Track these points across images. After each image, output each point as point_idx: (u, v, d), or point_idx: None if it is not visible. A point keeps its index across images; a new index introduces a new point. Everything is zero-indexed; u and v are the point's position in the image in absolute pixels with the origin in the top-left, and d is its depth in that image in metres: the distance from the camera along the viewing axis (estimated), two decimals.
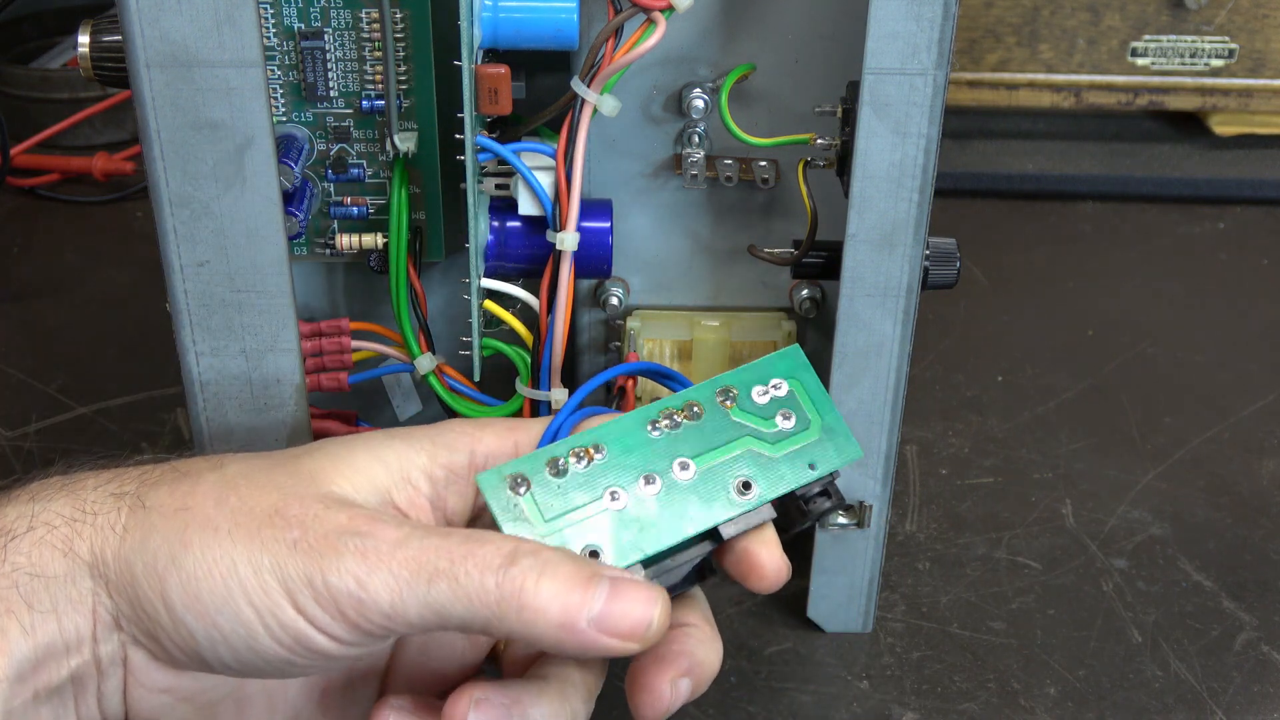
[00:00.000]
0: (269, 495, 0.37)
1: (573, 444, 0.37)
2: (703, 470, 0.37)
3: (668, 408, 0.38)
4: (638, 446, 0.37)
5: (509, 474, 0.36)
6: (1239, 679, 0.51)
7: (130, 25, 0.41)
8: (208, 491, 0.37)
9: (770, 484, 0.38)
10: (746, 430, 0.38)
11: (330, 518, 0.36)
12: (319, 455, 0.39)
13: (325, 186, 0.50)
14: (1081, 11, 0.85)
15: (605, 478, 0.37)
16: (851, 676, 0.51)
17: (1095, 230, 0.84)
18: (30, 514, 0.37)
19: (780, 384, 0.39)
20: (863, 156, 0.44)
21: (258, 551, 0.36)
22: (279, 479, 0.38)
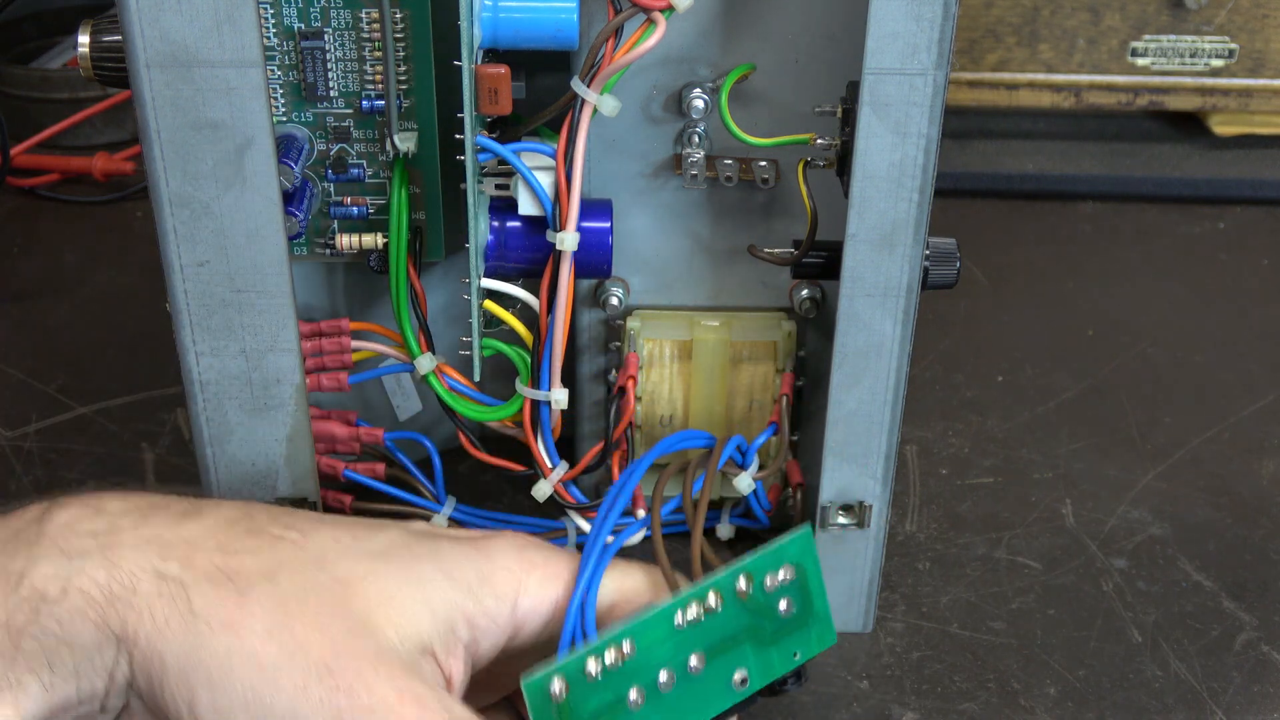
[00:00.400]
0: (321, 640, 0.37)
1: (609, 642, 0.39)
2: (711, 663, 0.41)
3: (695, 599, 0.41)
4: (663, 641, 0.40)
5: (553, 680, 0.38)
6: (1239, 679, 0.51)
7: (130, 25, 0.41)
8: (258, 613, 0.37)
9: (761, 675, 0.42)
10: (751, 624, 0.42)
11: (380, 692, 0.36)
12: (371, 592, 0.38)
13: (325, 186, 0.50)
14: (1081, 11, 0.85)
15: (632, 678, 0.39)
16: (851, 676, 0.51)
17: (1095, 230, 0.84)
18: (65, 576, 0.36)
19: (788, 570, 0.43)
20: (863, 156, 0.44)
21: (302, 708, 0.36)
22: (332, 618, 0.37)
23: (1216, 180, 0.87)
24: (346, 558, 0.39)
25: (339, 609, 0.38)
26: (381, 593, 0.38)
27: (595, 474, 0.54)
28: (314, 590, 0.38)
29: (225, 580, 0.37)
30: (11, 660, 0.35)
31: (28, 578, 0.36)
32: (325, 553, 0.39)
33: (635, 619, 0.40)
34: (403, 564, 0.39)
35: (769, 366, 0.53)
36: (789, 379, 0.53)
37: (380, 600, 0.38)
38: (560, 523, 0.54)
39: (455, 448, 0.53)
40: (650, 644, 0.40)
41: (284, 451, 0.48)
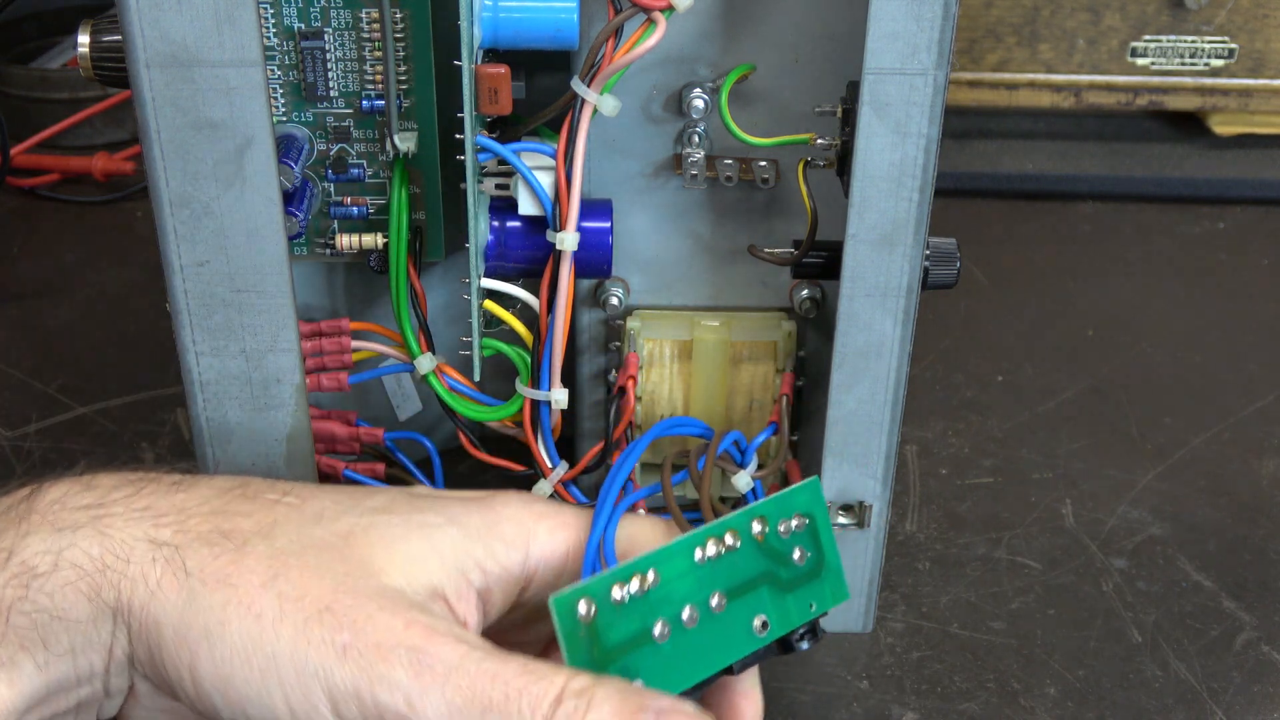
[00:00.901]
0: (320, 583, 0.36)
1: (633, 569, 0.39)
2: (731, 605, 0.41)
3: (712, 535, 0.41)
4: (684, 574, 0.40)
5: (581, 599, 0.37)
6: (1239, 679, 0.51)
7: (130, 25, 0.41)
8: (254, 566, 0.36)
9: (780, 623, 0.42)
10: (768, 569, 0.42)
11: (384, 623, 0.35)
12: (374, 538, 0.37)
13: (325, 186, 0.50)
14: (1081, 11, 0.85)
15: (657, 609, 0.39)
16: (851, 676, 0.51)
17: (1095, 230, 0.84)
18: (56, 550, 0.35)
19: (800, 519, 0.43)
20: (863, 156, 0.44)
21: (303, 650, 0.35)
22: (331, 563, 0.36)
23: (1216, 180, 0.87)
24: (347, 514, 0.38)
25: (338, 557, 0.37)
26: (383, 539, 0.37)
27: (595, 474, 0.54)
28: (312, 544, 0.37)
29: (220, 539, 0.36)
30: (1, 637, 0.34)
31: (17, 554, 0.35)
32: (323, 511, 0.38)
33: (657, 550, 0.40)
34: (405, 514, 0.38)
35: (769, 366, 0.53)
36: (789, 379, 0.53)
37: (383, 546, 0.37)
38: None
39: (455, 448, 0.53)
40: (672, 576, 0.40)
41: (284, 451, 0.48)
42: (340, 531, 0.37)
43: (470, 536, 0.39)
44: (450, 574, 0.38)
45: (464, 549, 0.38)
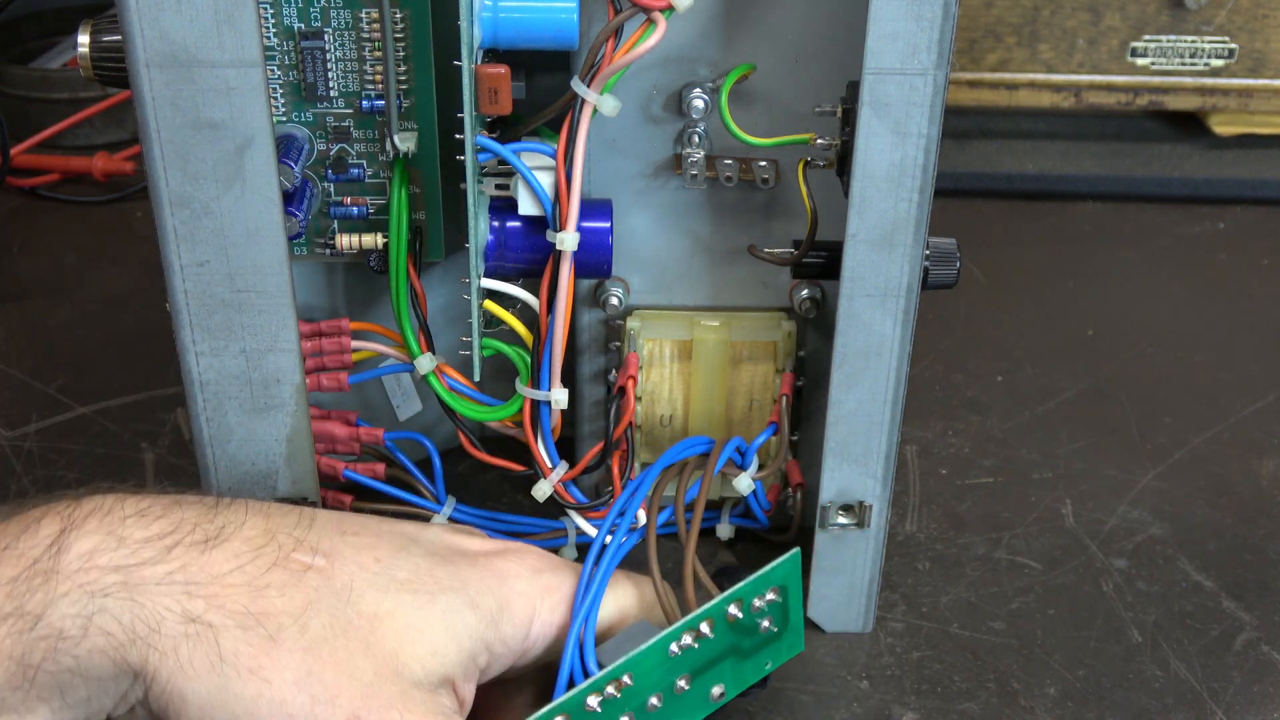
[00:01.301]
0: (351, 687, 0.37)
1: (609, 678, 0.40)
2: (694, 683, 0.43)
3: (689, 628, 0.42)
4: (656, 668, 0.42)
5: (557, 717, 0.39)
6: (1239, 679, 0.51)
7: (130, 25, 0.41)
8: (287, 661, 0.37)
9: (735, 686, 0.44)
10: (734, 642, 0.44)
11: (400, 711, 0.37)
12: (400, 627, 0.39)
13: (325, 186, 0.50)
14: (1081, 11, 0.85)
15: (626, 704, 0.41)
16: (851, 676, 0.51)
17: (1095, 230, 0.84)
18: (87, 615, 0.36)
19: (775, 593, 0.45)
20: (863, 156, 0.44)
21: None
22: (359, 658, 0.38)
23: (1216, 180, 0.87)
24: (373, 589, 0.39)
25: (367, 650, 0.38)
26: (409, 628, 0.39)
27: (595, 474, 0.54)
28: (342, 631, 0.38)
29: (254, 624, 0.37)
30: (24, 692, 0.35)
31: (47, 616, 0.35)
32: (352, 583, 0.39)
33: (633, 653, 0.41)
34: (429, 595, 0.40)
35: (769, 366, 0.53)
36: (789, 379, 0.53)
37: (408, 636, 0.39)
38: (560, 523, 0.54)
39: (455, 448, 0.53)
40: (643, 674, 0.41)
41: (284, 451, 0.48)
42: (368, 614, 0.39)
43: (485, 621, 0.40)
44: (463, 661, 0.40)
45: (478, 634, 0.40)
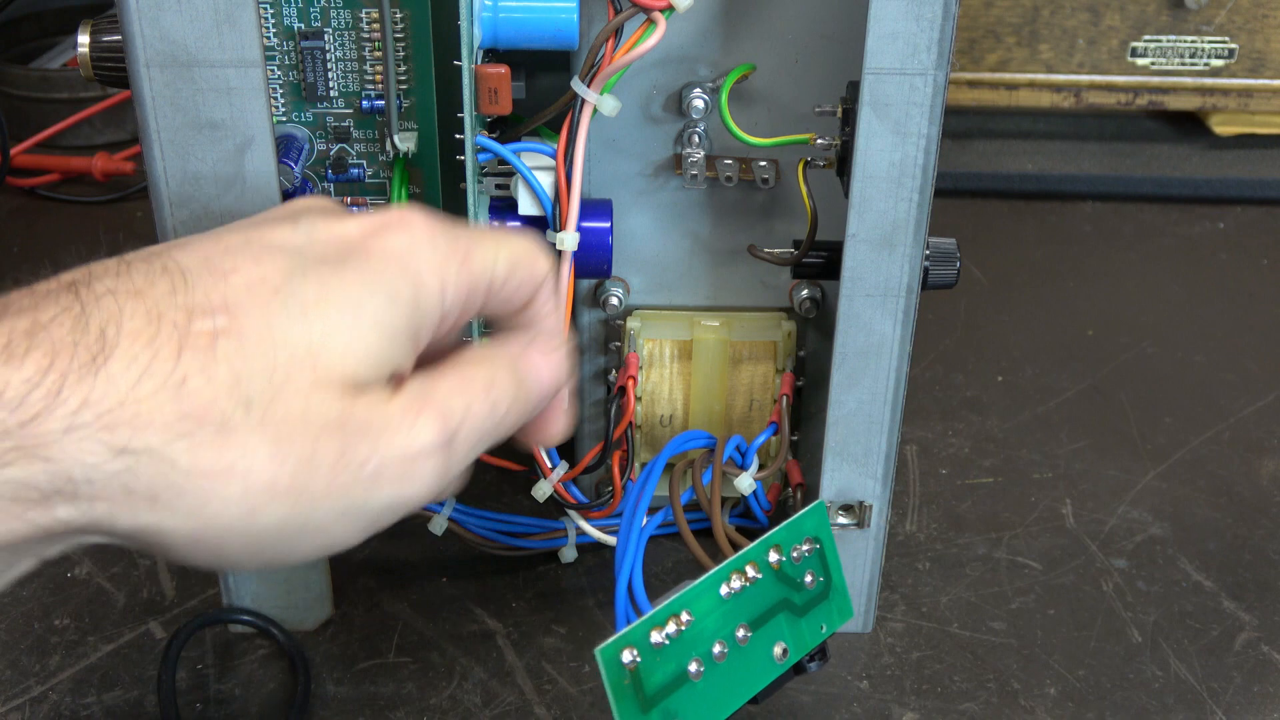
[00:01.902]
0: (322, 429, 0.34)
1: (668, 611, 0.40)
2: (754, 636, 0.43)
3: (735, 569, 0.43)
4: (712, 610, 0.42)
5: (624, 648, 0.39)
6: (1239, 679, 0.51)
7: (130, 25, 0.41)
8: (250, 441, 0.33)
9: (797, 647, 0.44)
10: (784, 596, 0.44)
11: (391, 414, 0.35)
12: (335, 350, 0.35)
13: (325, 186, 0.50)
14: (1081, 11, 0.85)
15: (691, 648, 0.41)
16: (851, 676, 0.51)
17: (1095, 230, 0.84)
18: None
19: (811, 544, 0.45)
20: (863, 156, 0.44)
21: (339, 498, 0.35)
22: (317, 398, 0.34)
23: (1216, 180, 0.87)
24: (290, 323, 0.35)
25: (317, 384, 0.34)
26: (346, 347, 0.35)
27: (595, 474, 0.54)
28: (283, 380, 0.34)
29: (196, 426, 0.33)
30: None
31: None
32: (267, 327, 0.35)
33: (684, 590, 0.41)
34: (348, 308, 0.36)
35: (769, 366, 0.53)
36: (789, 379, 0.53)
37: (348, 354, 0.35)
38: (560, 523, 0.54)
39: None
40: (702, 614, 0.41)
41: None
42: (300, 350, 0.35)
43: (407, 309, 0.37)
44: (403, 352, 0.37)
45: (407, 324, 0.37)
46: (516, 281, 0.40)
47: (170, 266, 0.35)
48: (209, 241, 0.36)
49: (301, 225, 0.37)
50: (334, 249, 0.37)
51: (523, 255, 0.40)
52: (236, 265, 0.35)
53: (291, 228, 0.37)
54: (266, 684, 0.50)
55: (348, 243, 0.37)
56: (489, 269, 0.39)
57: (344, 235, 0.37)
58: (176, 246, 0.36)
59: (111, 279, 0.34)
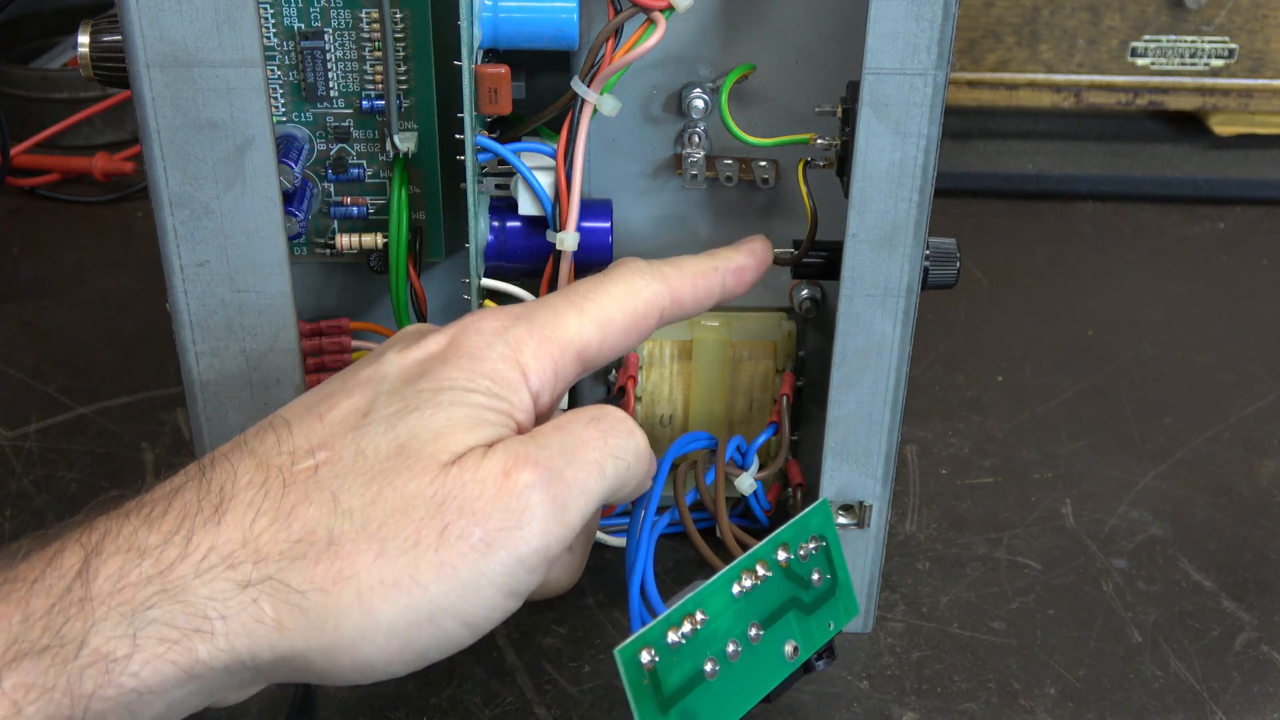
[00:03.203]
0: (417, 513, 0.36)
1: (683, 611, 0.41)
2: (766, 634, 0.43)
3: (746, 568, 0.43)
4: (725, 609, 0.42)
5: (643, 648, 0.39)
6: (1239, 679, 0.51)
7: (130, 25, 0.41)
8: (356, 548, 0.35)
9: (806, 646, 0.45)
10: (793, 592, 0.45)
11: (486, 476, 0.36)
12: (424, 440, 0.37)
13: (325, 186, 0.50)
14: (1081, 11, 0.85)
15: (706, 647, 0.41)
16: (851, 676, 0.51)
17: (1095, 230, 0.84)
18: (131, 633, 0.34)
19: (817, 542, 0.46)
20: (863, 156, 0.44)
21: (452, 575, 0.35)
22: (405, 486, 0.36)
23: (1216, 180, 0.87)
24: (379, 436, 0.37)
25: (413, 474, 0.36)
26: (435, 433, 0.37)
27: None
28: (380, 484, 0.36)
29: (306, 547, 0.35)
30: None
31: (90, 643, 0.33)
32: (359, 447, 0.37)
33: (698, 589, 0.41)
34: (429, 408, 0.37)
35: (769, 366, 0.53)
36: (789, 379, 0.53)
37: (437, 441, 0.37)
38: None
39: None
40: (716, 613, 0.41)
41: None
42: (389, 452, 0.37)
43: (488, 398, 0.38)
44: (494, 429, 0.38)
45: (491, 409, 0.38)
46: (618, 334, 0.42)
47: (277, 423, 0.39)
48: (313, 394, 0.40)
49: (387, 357, 0.40)
50: (416, 368, 0.39)
51: (614, 308, 0.42)
52: (333, 404, 0.39)
53: (378, 362, 0.40)
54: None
55: (428, 358, 0.40)
56: (574, 340, 0.41)
57: (426, 353, 0.40)
58: (287, 406, 0.40)
59: (229, 446, 0.38)
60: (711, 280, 0.45)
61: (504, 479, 0.36)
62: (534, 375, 0.40)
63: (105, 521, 0.36)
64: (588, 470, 0.38)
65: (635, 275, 0.43)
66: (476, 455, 0.37)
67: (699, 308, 0.45)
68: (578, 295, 0.42)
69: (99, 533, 0.36)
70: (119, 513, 0.36)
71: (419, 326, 0.43)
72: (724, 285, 0.45)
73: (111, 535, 0.35)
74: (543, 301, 0.42)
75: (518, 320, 0.40)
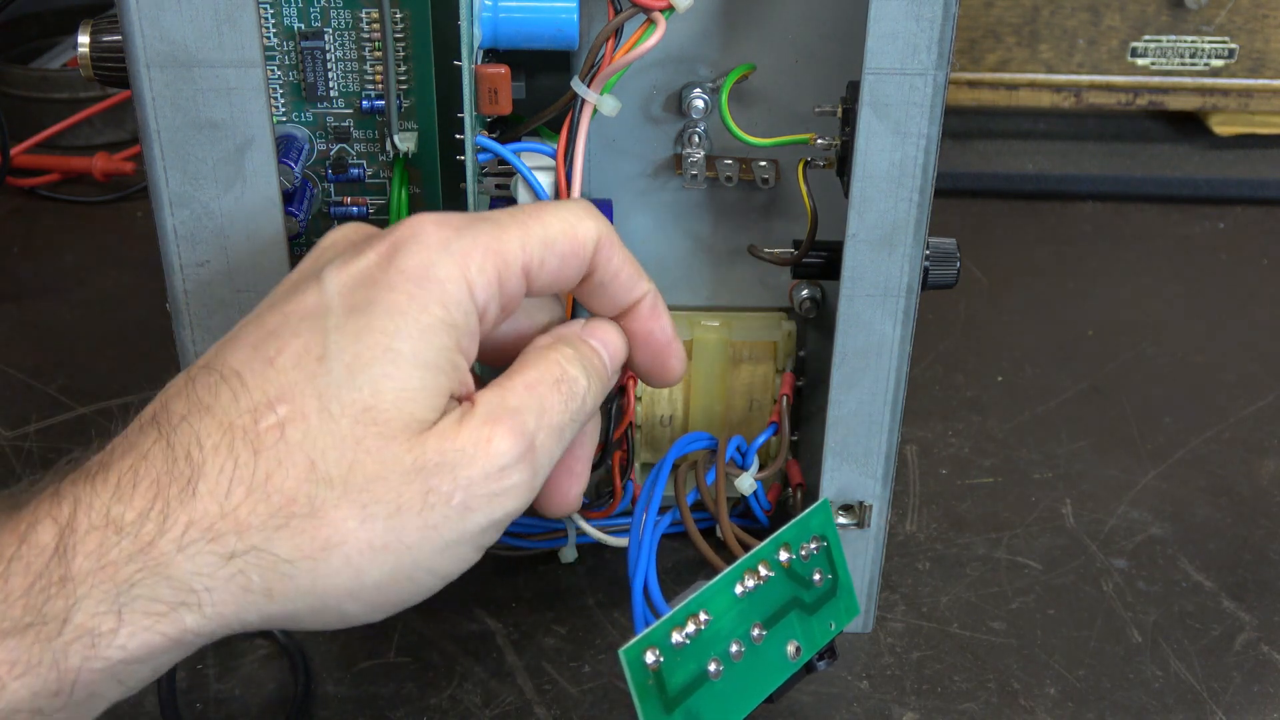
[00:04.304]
0: (400, 477, 0.36)
1: (686, 611, 0.41)
2: (768, 634, 0.43)
3: (748, 568, 0.43)
4: (728, 609, 0.42)
5: (647, 649, 0.39)
6: (1239, 679, 0.51)
7: (130, 25, 0.41)
8: (339, 515, 0.36)
9: (808, 646, 0.45)
10: (795, 592, 0.45)
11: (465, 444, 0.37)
12: (388, 397, 0.37)
13: (325, 186, 0.50)
14: (1081, 11, 0.85)
15: (709, 648, 0.41)
16: (851, 676, 0.51)
17: (1095, 230, 0.84)
18: (116, 609, 0.34)
19: (818, 542, 0.46)
20: (863, 156, 0.44)
21: (435, 539, 0.37)
22: (388, 451, 0.36)
23: (1216, 180, 0.87)
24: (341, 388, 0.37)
25: (383, 437, 0.36)
26: (399, 391, 0.37)
27: (595, 474, 0.54)
28: (352, 446, 0.36)
29: (288, 516, 0.36)
30: (66, 697, 0.34)
31: (73, 619, 0.34)
32: (321, 401, 0.37)
33: (701, 590, 0.42)
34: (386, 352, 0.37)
35: (769, 366, 0.53)
36: (789, 379, 0.53)
37: (402, 398, 0.37)
38: (560, 523, 0.54)
39: None
40: (719, 613, 0.42)
41: None
42: (356, 410, 0.37)
43: (442, 329, 0.38)
44: (453, 373, 0.38)
45: (447, 344, 0.38)
46: (557, 258, 0.40)
47: (226, 373, 0.38)
48: (253, 328, 0.39)
49: (326, 280, 0.39)
50: (360, 292, 0.38)
51: (557, 231, 0.40)
52: (281, 346, 0.38)
53: (318, 287, 0.39)
54: (266, 684, 0.50)
55: (369, 278, 0.38)
56: (518, 254, 0.40)
57: (364, 272, 0.39)
58: (227, 346, 0.39)
59: (183, 402, 0.38)
60: (639, 282, 0.43)
61: (485, 445, 0.37)
62: (480, 290, 0.39)
63: (73, 490, 0.36)
64: (554, 435, 0.39)
65: (580, 207, 0.42)
66: (452, 419, 0.37)
67: (616, 289, 0.42)
68: (521, 213, 0.41)
69: (69, 504, 0.35)
70: (85, 479, 0.36)
71: (351, 228, 0.42)
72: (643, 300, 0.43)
73: (84, 508, 0.35)
74: (485, 215, 0.41)
75: (460, 231, 0.39)
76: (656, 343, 0.44)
